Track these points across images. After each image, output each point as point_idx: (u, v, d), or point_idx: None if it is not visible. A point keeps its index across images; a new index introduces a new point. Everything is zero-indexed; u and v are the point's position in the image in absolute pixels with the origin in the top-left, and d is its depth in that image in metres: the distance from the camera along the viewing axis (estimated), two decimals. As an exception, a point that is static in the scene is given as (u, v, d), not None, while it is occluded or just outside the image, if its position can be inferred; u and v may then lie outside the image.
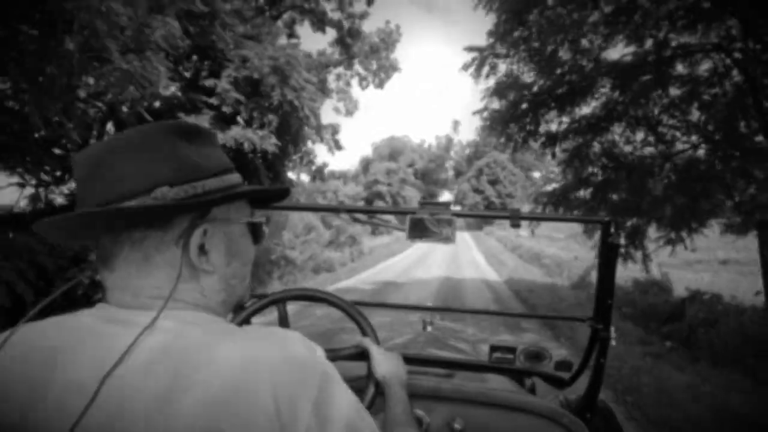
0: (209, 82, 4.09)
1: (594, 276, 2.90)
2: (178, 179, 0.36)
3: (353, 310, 0.77)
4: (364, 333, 0.73)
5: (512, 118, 4.18)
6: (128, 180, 0.35)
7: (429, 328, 1.48)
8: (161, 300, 0.35)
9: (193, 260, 0.36)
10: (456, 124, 56.33)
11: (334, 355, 0.51)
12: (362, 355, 0.69)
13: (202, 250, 0.36)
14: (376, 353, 0.67)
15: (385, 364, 0.65)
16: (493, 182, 36.42)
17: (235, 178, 0.41)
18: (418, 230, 0.92)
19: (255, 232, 0.43)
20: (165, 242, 0.36)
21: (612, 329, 0.97)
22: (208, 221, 0.37)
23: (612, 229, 0.91)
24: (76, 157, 0.39)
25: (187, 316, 0.36)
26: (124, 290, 0.36)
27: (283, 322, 0.79)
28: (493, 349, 1.11)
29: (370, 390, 0.53)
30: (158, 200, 0.34)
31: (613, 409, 1.17)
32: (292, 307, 0.84)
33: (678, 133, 3.67)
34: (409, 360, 1.03)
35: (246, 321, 0.79)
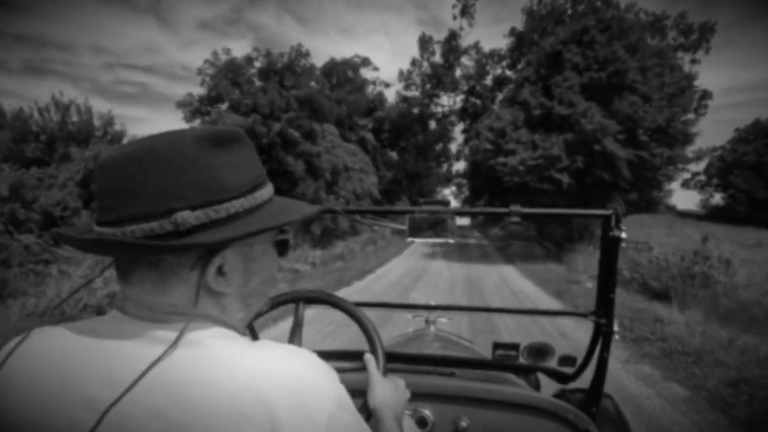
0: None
1: None
2: (202, 202, 0.58)
3: (366, 320, 1.19)
4: (372, 349, 1.12)
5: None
6: (149, 199, 0.56)
7: (432, 327, 2.17)
8: (177, 315, 0.59)
9: (210, 284, 0.60)
10: (468, 7, 39.39)
11: (336, 368, 0.76)
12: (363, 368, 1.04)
13: (219, 271, 0.61)
14: (375, 379, 0.95)
15: (382, 393, 0.92)
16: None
17: (266, 193, 0.65)
18: (418, 229, 1.39)
19: (279, 247, 0.70)
20: (181, 266, 0.59)
21: (615, 323, 1.44)
22: (228, 246, 0.62)
23: (613, 223, 1.34)
24: (102, 160, 0.60)
25: (205, 333, 0.59)
26: (140, 304, 0.60)
27: (297, 325, 1.20)
28: (496, 346, 1.58)
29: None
30: (178, 225, 0.56)
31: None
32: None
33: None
34: (412, 359, 1.54)
35: (249, 324, 1.11)
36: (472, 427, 1.49)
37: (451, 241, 1.44)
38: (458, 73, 41.17)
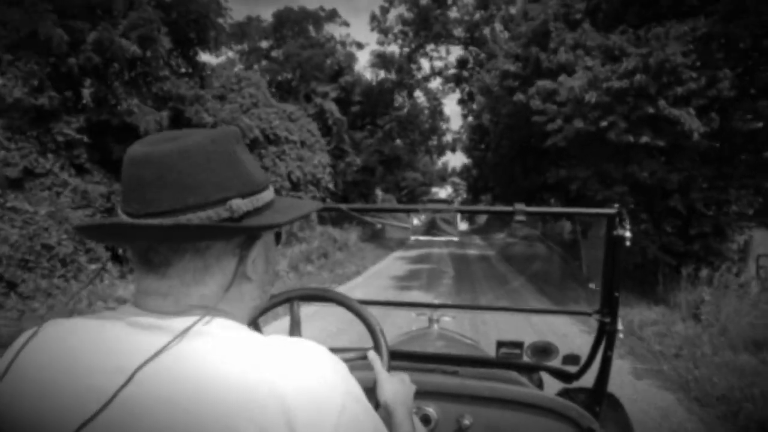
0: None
1: None
2: (246, 191, 0.82)
3: (370, 317, 1.50)
4: (376, 346, 1.49)
5: None
6: (203, 189, 0.77)
7: (436, 326, 2.51)
8: (200, 308, 0.80)
9: (247, 271, 0.86)
10: None
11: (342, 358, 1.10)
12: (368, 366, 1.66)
13: (253, 260, 0.96)
14: (382, 376, 1.26)
15: (390, 389, 1.21)
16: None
17: (272, 192, 0.94)
18: (422, 227, 1.66)
19: (278, 237, 1.01)
20: (226, 253, 0.82)
21: (619, 321, 1.84)
22: (261, 235, 0.90)
23: (617, 222, 1.70)
24: (134, 154, 0.79)
25: (219, 325, 0.78)
26: (167, 296, 0.80)
27: (296, 323, 1.52)
28: (500, 344, 1.89)
29: None
30: (233, 212, 0.78)
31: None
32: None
33: None
34: (416, 357, 1.95)
35: (254, 321, 1.45)
36: (476, 424, 1.69)
37: (455, 239, 1.71)
38: (453, 14, 33.91)
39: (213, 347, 0.69)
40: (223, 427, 0.62)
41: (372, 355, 1.26)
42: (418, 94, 39.76)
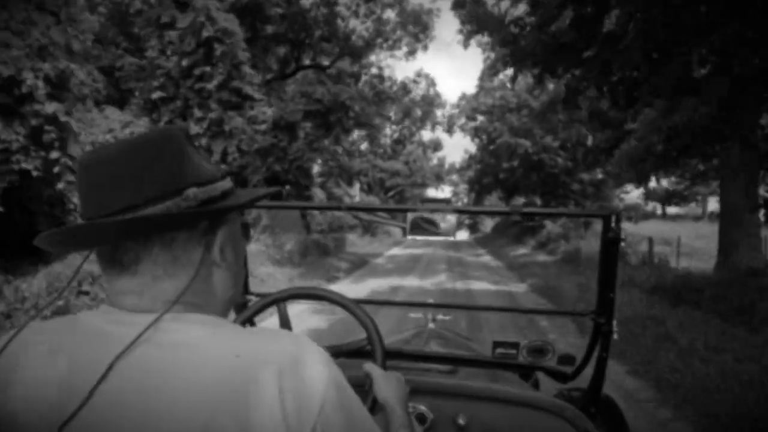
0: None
1: None
2: (201, 181, 0.85)
3: (365, 315, 1.55)
4: (371, 343, 1.55)
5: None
6: (158, 181, 0.80)
7: (432, 325, 2.55)
8: (178, 303, 0.83)
9: (215, 258, 0.88)
10: None
11: (336, 351, 1.60)
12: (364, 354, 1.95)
13: (220, 248, 0.97)
14: (377, 373, 1.29)
15: (388, 386, 1.24)
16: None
17: (229, 181, 0.97)
18: (418, 227, 1.77)
19: (245, 231, 1.05)
20: (191, 242, 0.84)
21: (614, 323, 1.87)
22: (225, 222, 0.92)
23: (612, 223, 1.75)
24: (85, 160, 0.82)
25: (194, 317, 0.82)
26: (142, 294, 0.82)
27: (284, 322, 1.60)
28: (496, 344, 1.93)
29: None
30: (190, 201, 0.81)
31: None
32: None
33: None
34: (412, 356, 2.00)
35: (249, 321, 1.67)
36: (471, 424, 1.69)
37: (452, 238, 1.79)
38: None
39: (189, 338, 0.72)
40: (204, 415, 0.65)
41: (368, 366, 1.23)
42: (389, 16, 24.66)
